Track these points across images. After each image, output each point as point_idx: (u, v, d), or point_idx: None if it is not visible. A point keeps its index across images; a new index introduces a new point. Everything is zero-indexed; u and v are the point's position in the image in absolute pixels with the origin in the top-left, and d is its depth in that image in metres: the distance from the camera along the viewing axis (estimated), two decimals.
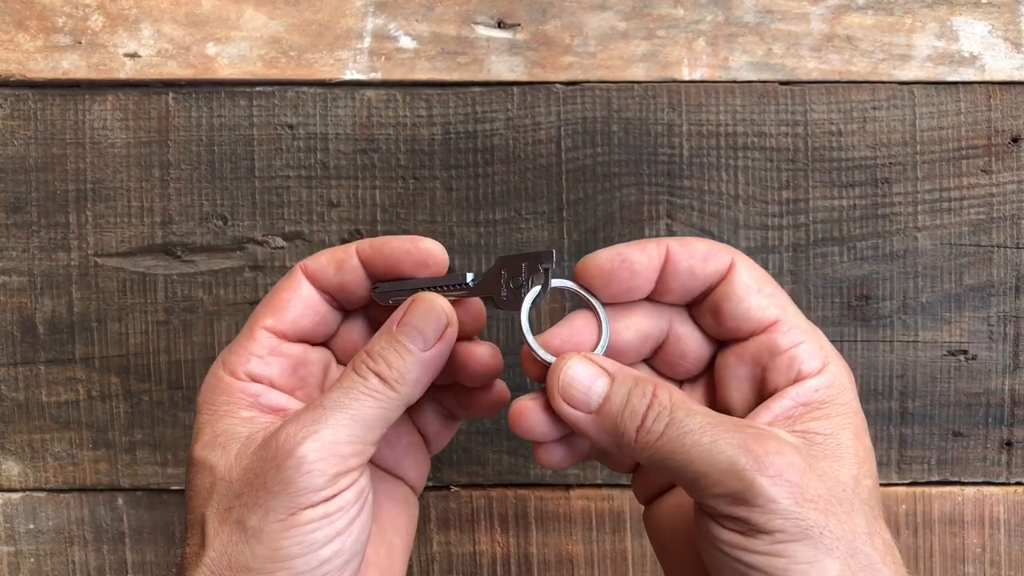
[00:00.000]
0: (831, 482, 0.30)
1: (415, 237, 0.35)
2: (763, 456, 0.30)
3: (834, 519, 0.30)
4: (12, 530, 0.49)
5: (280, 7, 0.47)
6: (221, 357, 0.35)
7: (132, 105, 0.47)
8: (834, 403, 0.32)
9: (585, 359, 0.33)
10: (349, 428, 0.32)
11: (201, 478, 0.33)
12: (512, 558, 0.49)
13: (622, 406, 0.32)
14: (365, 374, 0.33)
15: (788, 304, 0.34)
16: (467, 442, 0.48)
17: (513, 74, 0.47)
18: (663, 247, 0.33)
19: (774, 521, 0.29)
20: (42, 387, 0.48)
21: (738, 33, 0.47)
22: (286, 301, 0.35)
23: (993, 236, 0.47)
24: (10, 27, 0.47)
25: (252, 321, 0.36)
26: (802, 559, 0.29)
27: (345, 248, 0.36)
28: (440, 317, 0.34)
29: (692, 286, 0.34)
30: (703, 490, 0.31)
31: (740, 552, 0.30)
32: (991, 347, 0.48)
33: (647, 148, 0.47)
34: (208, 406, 0.34)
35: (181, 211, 0.47)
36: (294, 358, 0.36)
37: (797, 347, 0.33)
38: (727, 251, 0.34)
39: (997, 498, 0.48)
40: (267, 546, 0.31)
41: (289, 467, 0.31)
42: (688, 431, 0.30)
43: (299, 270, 0.36)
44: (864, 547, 0.30)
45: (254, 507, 0.31)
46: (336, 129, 0.47)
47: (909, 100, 0.47)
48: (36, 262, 0.48)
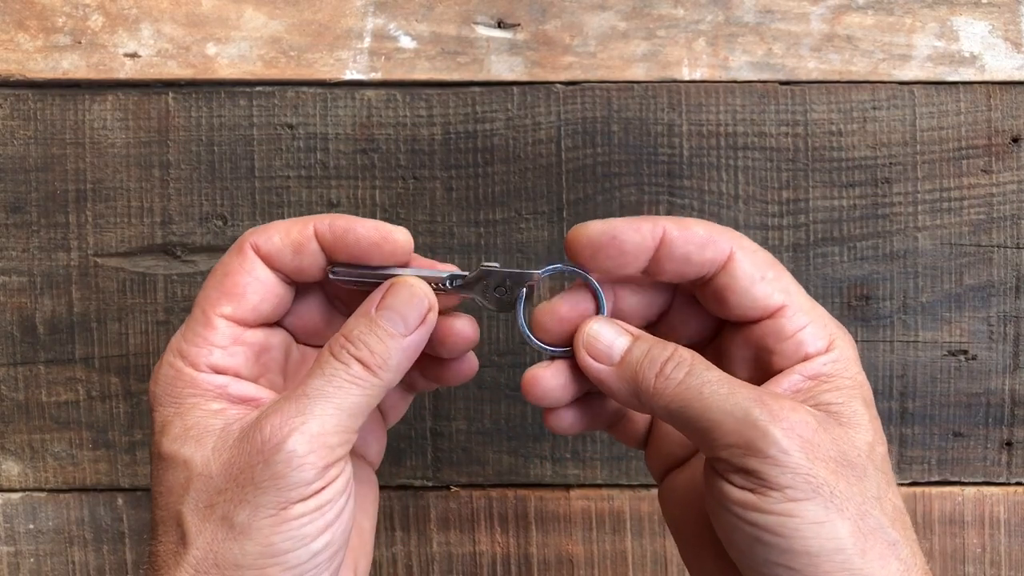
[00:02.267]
0: (845, 445, 0.31)
1: (382, 227, 0.34)
2: (778, 411, 0.30)
3: (844, 481, 0.30)
4: (12, 530, 0.49)
5: (280, 7, 0.47)
6: (175, 346, 0.33)
7: (132, 105, 0.47)
8: (841, 376, 0.33)
9: (609, 320, 0.34)
10: (335, 418, 0.31)
11: (174, 474, 0.32)
12: (512, 558, 0.49)
13: (643, 356, 0.33)
14: (347, 360, 0.32)
15: (791, 284, 0.34)
16: (467, 442, 0.48)
17: (513, 74, 0.47)
18: (659, 229, 0.33)
19: (785, 475, 0.29)
20: (42, 387, 0.48)
21: (738, 33, 0.47)
22: (243, 286, 0.33)
23: (993, 236, 0.47)
24: (10, 27, 0.47)
25: (206, 305, 0.33)
26: (812, 519, 0.29)
27: (300, 227, 0.34)
28: (422, 301, 0.33)
29: (687, 272, 0.34)
30: (716, 440, 0.31)
31: (751, 513, 0.30)
32: (991, 347, 0.48)
33: (647, 148, 0.47)
34: (170, 399, 0.33)
35: (181, 211, 0.47)
36: (256, 345, 0.34)
37: (803, 330, 0.33)
38: (727, 238, 0.33)
39: (997, 498, 0.48)
40: (257, 542, 0.30)
41: (278, 462, 0.30)
42: (706, 381, 0.31)
43: (249, 248, 0.34)
44: (874, 511, 0.30)
45: (241, 503, 0.30)
46: (336, 129, 0.47)
47: (909, 100, 0.47)
48: (36, 262, 0.48)
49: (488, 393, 0.48)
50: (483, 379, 0.47)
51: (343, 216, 0.34)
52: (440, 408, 0.48)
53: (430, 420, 0.48)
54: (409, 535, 0.49)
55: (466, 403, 0.48)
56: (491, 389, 0.48)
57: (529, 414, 0.48)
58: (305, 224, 0.34)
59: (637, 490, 0.48)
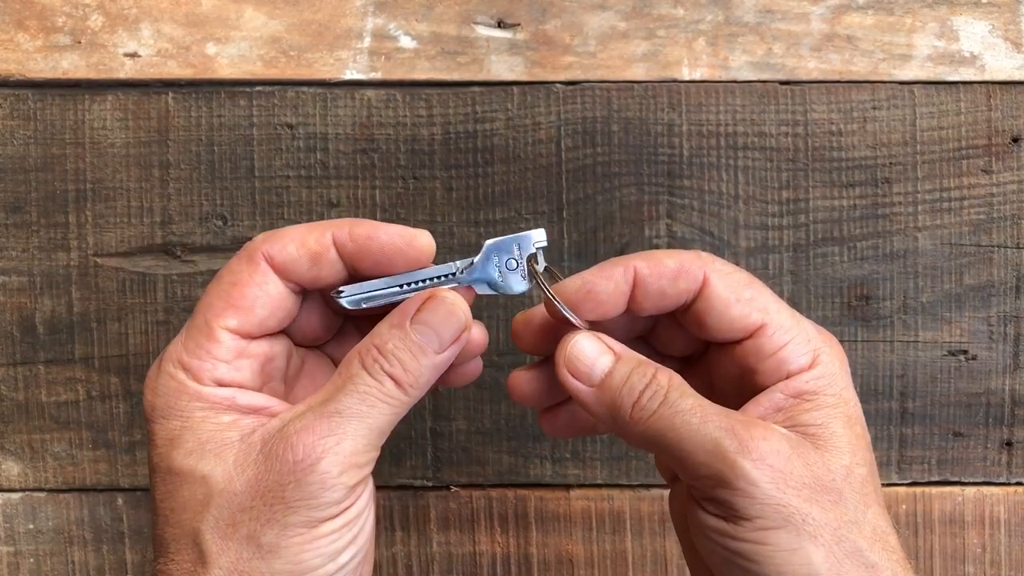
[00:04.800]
0: (819, 470, 0.31)
1: (406, 232, 0.33)
2: (748, 440, 0.30)
3: (818, 507, 0.30)
4: (12, 530, 0.49)
5: (280, 7, 0.47)
6: (175, 357, 0.32)
7: (132, 105, 0.47)
8: (824, 393, 0.32)
9: (594, 336, 0.33)
10: (367, 438, 0.31)
11: (190, 490, 0.31)
12: (512, 558, 0.49)
13: (622, 382, 0.32)
14: (380, 377, 0.32)
15: (771, 302, 0.33)
16: (467, 442, 0.48)
17: (513, 74, 0.47)
18: (630, 271, 0.33)
19: (754, 507, 0.30)
20: (42, 387, 0.48)
21: (738, 33, 0.47)
22: (251, 299, 0.32)
23: (993, 236, 0.47)
24: (10, 27, 0.47)
25: (209, 315, 0.32)
26: (785, 546, 0.29)
27: (318, 235, 0.32)
28: (460, 320, 0.33)
29: (665, 305, 0.34)
30: (689, 470, 0.31)
31: (724, 539, 0.30)
32: (991, 347, 0.48)
33: (647, 148, 0.47)
34: (174, 412, 0.32)
35: (181, 211, 0.47)
36: (261, 357, 0.33)
37: (784, 348, 0.33)
38: (699, 265, 0.33)
39: (997, 498, 0.48)
40: (287, 560, 0.30)
41: (311, 483, 0.30)
42: (679, 411, 0.31)
43: (261, 259, 0.32)
44: (850, 535, 0.30)
45: (270, 522, 0.30)
46: (336, 129, 0.47)
47: (909, 100, 0.47)
48: (36, 262, 0.48)
49: (488, 393, 0.48)
50: (483, 379, 0.47)
51: (362, 222, 0.33)
52: (440, 408, 0.48)
53: (430, 420, 0.48)
54: (409, 535, 0.49)
55: (466, 403, 0.48)
56: (491, 389, 0.48)
57: (529, 414, 0.48)
58: (323, 232, 0.33)
59: (637, 490, 0.48)
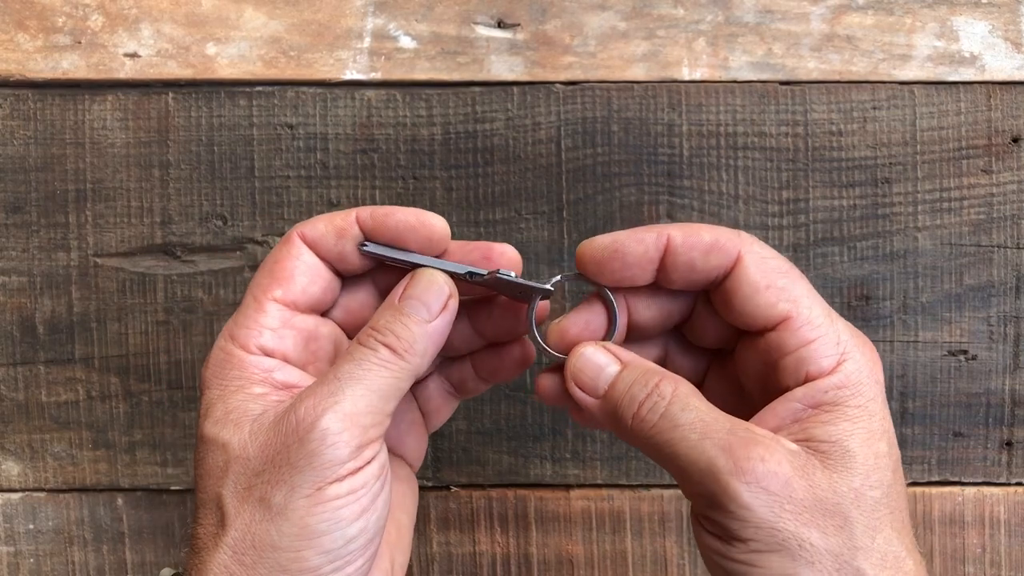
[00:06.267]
0: (824, 492, 0.30)
1: (421, 213, 0.35)
2: (744, 461, 0.29)
3: (818, 531, 0.29)
4: (12, 530, 0.49)
5: (280, 7, 0.47)
6: (228, 331, 0.34)
7: (132, 105, 0.47)
8: (845, 405, 0.31)
9: (600, 347, 0.34)
10: (366, 399, 0.32)
11: (213, 456, 0.32)
12: (512, 558, 0.49)
13: (624, 392, 0.33)
14: (375, 346, 0.33)
15: (803, 295, 0.33)
16: (467, 442, 0.48)
17: (513, 74, 0.47)
18: (663, 238, 0.33)
19: (747, 529, 0.29)
20: (42, 387, 0.48)
21: (738, 33, 0.47)
22: (291, 270, 0.35)
23: (993, 236, 0.47)
24: (10, 27, 0.47)
25: (257, 292, 0.35)
26: (778, 571, 0.29)
27: (344, 215, 0.35)
28: (442, 289, 0.34)
29: (694, 279, 0.34)
30: (685, 488, 0.31)
31: (719, 558, 0.30)
32: (991, 347, 0.48)
33: (647, 148, 0.47)
34: (217, 380, 0.34)
35: (181, 211, 0.47)
36: (306, 332, 0.35)
37: (807, 346, 0.32)
38: (735, 243, 0.33)
39: (997, 498, 0.48)
40: (294, 523, 0.30)
41: (313, 439, 0.31)
42: (678, 425, 0.31)
43: (297, 237, 0.35)
44: (855, 561, 0.29)
45: (278, 483, 0.31)
46: (336, 129, 0.47)
47: (909, 100, 0.47)
48: (36, 262, 0.48)
49: (488, 393, 0.48)
50: None
51: (386, 206, 0.35)
52: None
53: None
54: None
55: (466, 403, 0.48)
56: (491, 389, 0.48)
57: (529, 414, 0.48)
58: (348, 213, 0.35)
59: (637, 490, 0.48)
